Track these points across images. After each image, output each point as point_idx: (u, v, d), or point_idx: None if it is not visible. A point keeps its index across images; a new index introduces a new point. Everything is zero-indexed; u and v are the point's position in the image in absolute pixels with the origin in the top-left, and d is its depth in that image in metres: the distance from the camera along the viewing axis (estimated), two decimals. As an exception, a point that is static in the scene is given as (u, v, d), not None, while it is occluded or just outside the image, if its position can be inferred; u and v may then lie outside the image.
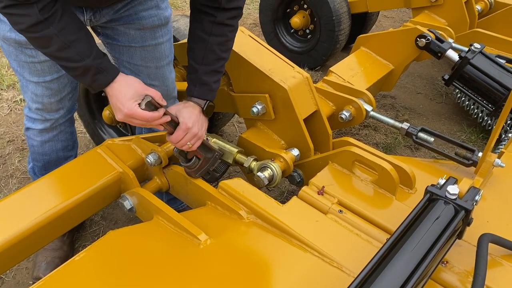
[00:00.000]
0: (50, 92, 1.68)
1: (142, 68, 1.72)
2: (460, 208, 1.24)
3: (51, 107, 1.74)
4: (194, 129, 1.46)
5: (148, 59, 1.70)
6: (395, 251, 1.15)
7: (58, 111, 1.77)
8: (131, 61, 1.70)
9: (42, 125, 1.79)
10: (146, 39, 1.66)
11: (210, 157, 1.60)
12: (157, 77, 1.75)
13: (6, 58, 3.53)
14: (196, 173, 1.60)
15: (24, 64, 1.59)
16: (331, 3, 3.14)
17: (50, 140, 1.84)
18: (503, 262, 1.33)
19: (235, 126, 2.95)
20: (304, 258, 1.33)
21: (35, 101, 1.71)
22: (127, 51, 1.68)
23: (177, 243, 1.39)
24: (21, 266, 2.03)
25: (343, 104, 2.06)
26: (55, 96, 1.71)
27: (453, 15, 2.87)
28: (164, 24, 1.68)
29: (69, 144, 1.92)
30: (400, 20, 4.51)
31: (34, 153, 1.89)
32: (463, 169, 1.73)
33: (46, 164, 1.91)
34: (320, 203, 1.49)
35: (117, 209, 2.31)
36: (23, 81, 1.68)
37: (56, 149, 1.87)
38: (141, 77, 1.68)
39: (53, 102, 1.72)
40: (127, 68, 1.72)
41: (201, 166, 1.59)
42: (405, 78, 3.48)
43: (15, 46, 1.55)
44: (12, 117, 2.97)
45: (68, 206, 1.51)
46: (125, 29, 1.63)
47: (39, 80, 1.63)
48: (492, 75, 2.21)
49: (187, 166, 1.58)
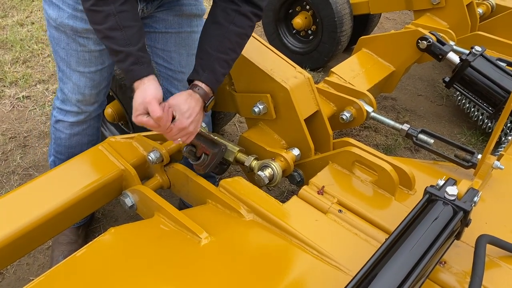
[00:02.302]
0: (92, 83, 1.73)
1: (174, 55, 1.78)
2: (458, 209, 1.25)
3: (90, 99, 1.78)
4: (190, 128, 1.44)
5: (181, 45, 1.77)
6: (393, 251, 1.16)
7: (93, 104, 1.82)
8: (165, 48, 1.77)
9: (75, 117, 1.82)
10: (182, 25, 1.74)
11: (217, 152, 1.64)
12: (188, 65, 1.80)
13: (9, 55, 3.55)
14: (206, 169, 1.64)
15: (73, 52, 1.64)
16: (333, 5, 3.15)
17: (78, 134, 1.87)
18: (501, 263, 1.34)
19: (236, 126, 2.96)
20: (303, 257, 1.33)
21: (76, 92, 1.74)
22: (162, 38, 1.75)
23: (178, 240, 1.40)
24: (21, 262, 2.04)
25: (344, 104, 2.07)
26: (95, 88, 1.76)
27: (455, 17, 2.88)
28: (200, 15, 1.77)
29: (94, 139, 1.95)
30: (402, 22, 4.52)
31: (60, 146, 1.91)
32: (462, 171, 1.73)
33: (70, 157, 1.91)
34: (320, 203, 1.50)
35: (118, 207, 2.32)
36: (66, 70, 1.70)
37: (82, 143, 1.90)
38: (173, 65, 1.79)
39: (92, 94, 1.77)
40: (160, 57, 1.80)
41: (210, 161, 1.64)
42: (406, 80, 3.49)
43: (69, 34, 1.60)
44: (15, 113, 2.99)
45: (70, 203, 1.52)
46: (164, 15, 1.71)
47: (84, 70, 1.68)
48: (493, 78, 2.22)
49: (198, 163, 1.63)
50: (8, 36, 3.83)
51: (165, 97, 1.96)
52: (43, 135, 2.81)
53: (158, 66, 1.87)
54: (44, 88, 3.24)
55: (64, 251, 1.98)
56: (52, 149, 1.96)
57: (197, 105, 1.45)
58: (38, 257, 2.08)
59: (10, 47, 3.70)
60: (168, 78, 1.86)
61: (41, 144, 2.74)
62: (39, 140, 2.77)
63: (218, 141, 1.65)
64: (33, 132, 2.84)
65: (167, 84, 1.89)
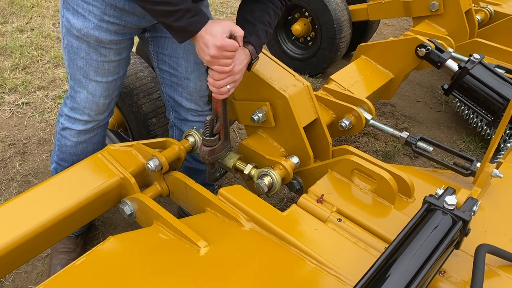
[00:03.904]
0: (107, 93, 1.75)
1: (181, 61, 1.81)
2: (458, 218, 1.25)
3: (103, 108, 1.80)
4: (237, 75, 1.54)
5: (190, 52, 1.79)
6: (393, 261, 1.16)
7: (104, 113, 1.83)
8: (173, 54, 1.80)
9: (84, 126, 1.82)
10: None
11: (226, 145, 1.69)
12: (194, 71, 1.84)
13: (8, 61, 3.56)
14: (210, 156, 1.66)
15: (93, 62, 1.66)
16: (332, 11, 3.16)
17: (85, 142, 1.87)
18: (500, 272, 1.34)
19: (235, 132, 2.96)
20: (302, 266, 1.33)
21: (90, 101, 1.75)
22: (171, 44, 1.78)
23: (177, 249, 1.40)
24: (20, 270, 2.03)
25: (343, 112, 2.07)
26: (109, 97, 1.78)
27: (453, 24, 2.90)
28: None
29: (99, 147, 1.94)
30: (401, 28, 4.54)
31: (65, 153, 1.90)
32: (461, 178, 1.74)
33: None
34: (319, 211, 1.50)
35: (116, 214, 2.32)
36: (82, 79, 1.71)
37: (87, 151, 1.90)
38: (179, 71, 1.82)
39: (105, 103, 1.79)
40: (166, 63, 1.83)
41: (217, 149, 1.67)
42: (405, 86, 3.50)
43: (92, 44, 1.61)
44: (14, 120, 2.99)
45: (69, 211, 1.52)
46: None
47: (102, 79, 1.70)
48: (491, 85, 2.23)
49: (208, 140, 1.65)
50: (8, 42, 3.84)
51: (168, 104, 1.98)
52: (42, 142, 2.81)
53: (162, 72, 1.88)
54: (44, 94, 3.25)
55: (62, 259, 1.98)
56: (55, 156, 1.96)
57: (245, 59, 1.56)
58: (37, 265, 2.07)
59: (9, 54, 3.70)
60: (172, 85, 1.88)
61: (40, 151, 2.74)
62: (39, 147, 2.77)
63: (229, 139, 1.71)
64: (33, 138, 2.84)
65: (170, 91, 1.89)
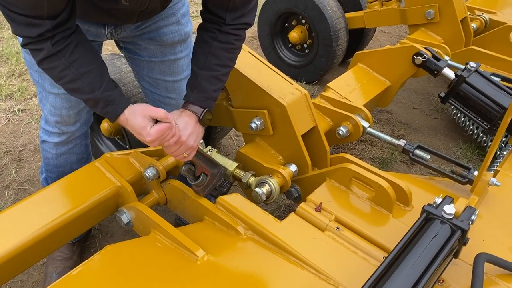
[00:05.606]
0: (69, 104, 1.70)
1: (160, 82, 1.78)
2: (456, 228, 1.25)
3: (69, 120, 1.76)
4: (189, 141, 1.44)
5: (166, 73, 1.76)
6: (392, 270, 1.16)
7: (75, 124, 1.79)
8: (150, 75, 1.77)
9: (59, 138, 1.80)
10: (166, 54, 1.72)
11: (216, 173, 1.58)
12: (174, 90, 1.81)
13: (4, 68, 3.55)
14: (205, 190, 1.58)
15: (45, 75, 1.60)
16: (329, 19, 3.17)
17: (65, 153, 1.85)
18: (499, 281, 1.34)
19: (232, 139, 2.96)
20: (301, 276, 1.33)
21: (53, 114, 1.72)
22: (147, 65, 1.74)
23: (174, 258, 1.39)
24: (15, 279, 2.01)
25: (340, 120, 2.07)
26: (74, 108, 1.73)
27: (449, 32, 2.91)
28: (184, 40, 1.73)
29: (83, 157, 1.94)
30: (397, 35, 4.56)
31: (49, 165, 1.90)
32: (459, 186, 1.74)
33: (60, 176, 1.90)
34: (317, 220, 1.50)
35: (113, 222, 2.30)
36: (42, 92, 1.69)
37: (71, 162, 1.89)
38: (159, 90, 1.78)
39: (71, 114, 1.74)
40: (146, 82, 1.79)
41: (208, 182, 1.57)
42: (401, 93, 3.51)
43: None
44: (10, 127, 2.97)
45: (66, 220, 1.51)
46: (146, 44, 1.69)
47: (59, 91, 1.65)
48: (488, 93, 2.24)
49: (196, 184, 1.57)
50: (4, 48, 3.83)
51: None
52: (38, 149, 2.79)
53: (144, 90, 1.86)
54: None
55: (59, 267, 1.96)
56: (42, 167, 1.96)
57: (190, 119, 1.46)
58: (33, 273, 2.05)
59: (5, 60, 3.69)
60: (155, 101, 1.85)
61: (36, 158, 2.73)
62: (35, 154, 2.76)
63: (218, 162, 1.61)
64: (29, 146, 2.82)
65: (155, 106, 1.88)
